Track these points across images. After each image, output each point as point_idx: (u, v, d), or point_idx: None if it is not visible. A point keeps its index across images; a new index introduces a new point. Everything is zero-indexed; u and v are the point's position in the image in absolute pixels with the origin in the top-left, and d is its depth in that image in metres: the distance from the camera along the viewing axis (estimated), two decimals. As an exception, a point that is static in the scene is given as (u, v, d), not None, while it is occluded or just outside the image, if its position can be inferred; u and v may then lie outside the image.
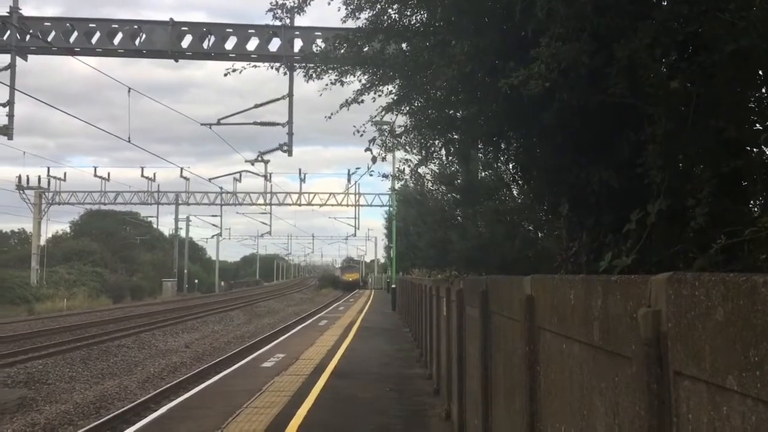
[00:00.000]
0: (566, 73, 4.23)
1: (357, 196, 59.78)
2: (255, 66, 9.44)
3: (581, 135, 4.67)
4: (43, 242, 58.59)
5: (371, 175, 9.93)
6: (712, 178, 3.95)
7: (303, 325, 28.59)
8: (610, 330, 2.77)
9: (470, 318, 7.56)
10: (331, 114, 8.10)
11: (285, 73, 14.26)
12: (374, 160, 8.12)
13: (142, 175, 59.31)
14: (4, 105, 20.25)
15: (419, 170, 14.25)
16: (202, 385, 13.12)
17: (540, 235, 11.05)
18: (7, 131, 20.51)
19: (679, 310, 2.15)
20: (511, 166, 9.02)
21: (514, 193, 11.56)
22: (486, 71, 5.27)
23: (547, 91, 4.26)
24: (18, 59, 20.93)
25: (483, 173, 12.63)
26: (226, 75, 10.04)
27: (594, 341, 2.98)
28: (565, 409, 3.54)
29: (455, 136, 7.31)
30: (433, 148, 7.81)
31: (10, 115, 20.55)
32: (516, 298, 4.61)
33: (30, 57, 22.03)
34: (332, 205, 59.66)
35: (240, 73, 9.48)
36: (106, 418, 13.40)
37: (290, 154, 22.68)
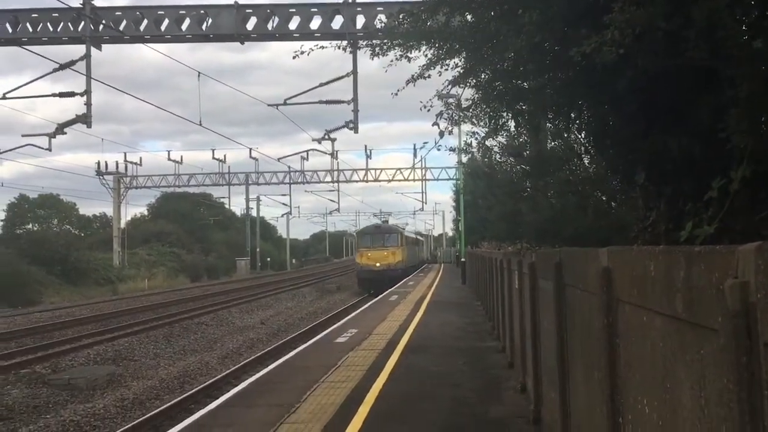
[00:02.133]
0: (641, 39, 4.09)
1: (423, 170, 59.63)
2: (321, 47, 9.46)
3: (658, 101, 4.51)
4: (123, 225, 60.95)
5: (438, 149, 9.93)
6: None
7: (374, 300, 28.90)
8: (694, 302, 2.70)
9: (543, 291, 7.49)
10: (398, 91, 8.09)
11: (349, 52, 14.16)
12: (442, 134, 8.08)
13: (213, 157, 60.76)
14: (81, 94, 21.05)
15: (487, 143, 14.11)
16: (279, 361, 13.47)
17: (613, 205, 10.80)
18: (86, 119, 21.34)
19: (770, 280, 2.08)
20: (582, 135, 8.83)
21: (586, 163, 11.30)
22: (555, 40, 5.15)
23: (621, 57, 4.13)
24: (92, 49, 21.66)
25: (552, 143, 12.40)
26: (294, 58, 10.11)
27: (677, 313, 2.91)
28: (646, 382, 3.48)
29: (524, 107, 7.19)
30: (501, 121, 7.70)
31: (88, 104, 21.34)
32: (592, 270, 4.53)
33: (103, 47, 22.75)
34: (399, 180, 59.75)
35: (308, 54, 9.55)
36: (191, 392, 13.96)
37: (356, 131, 22.77)
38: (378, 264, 43.08)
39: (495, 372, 11.60)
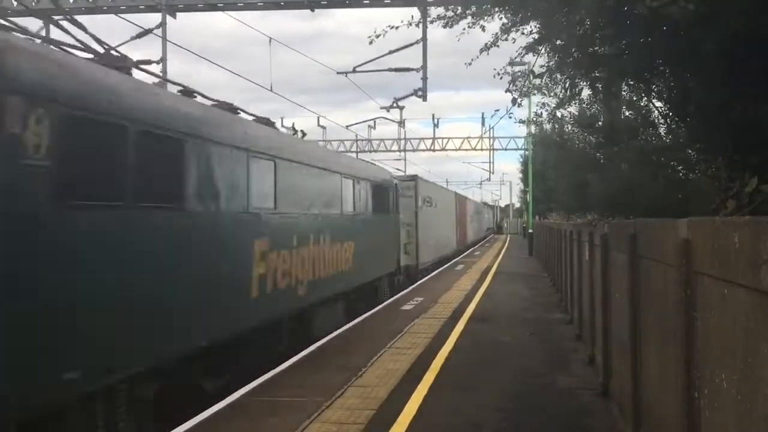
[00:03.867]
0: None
1: (491, 140, 58.79)
2: (394, 27, 9.35)
3: (747, 66, 4.30)
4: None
5: (510, 116, 9.66)
6: None
7: (440, 269, 28.93)
8: (783, 274, 2.61)
9: (616, 263, 7.35)
10: (471, 60, 8.00)
11: (418, 24, 13.92)
12: (514, 101, 7.96)
13: (282, 125, 61.50)
14: (158, 62, 21.57)
15: (557, 113, 13.83)
16: (347, 325, 13.68)
17: (691, 176, 10.45)
18: (162, 87, 21.92)
19: None
20: (660, 104, 8.55)
21: (661, 132, 10.96)
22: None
23: (703, 16, 3.94)
24: (167, 17, 22.11)
25: (626, 113, 12.06)
26: (371, 43, 10.00)
27: (762, 286, 2.82)
28: (725, 356, 3.40)
29: (599, 75, 6.99)
30: (576, 89, 7.53)
31: (164, 71, 21.86)
32: (670, 241, 4.42)
33: (177, 15, 23.19)
34: (466, 149, 59.03)
35: (383, 36, 9.47)
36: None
37: (425, 99, 22.60)
38: None
39: (562, 343, 11.50)
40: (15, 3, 20.19)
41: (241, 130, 9.47)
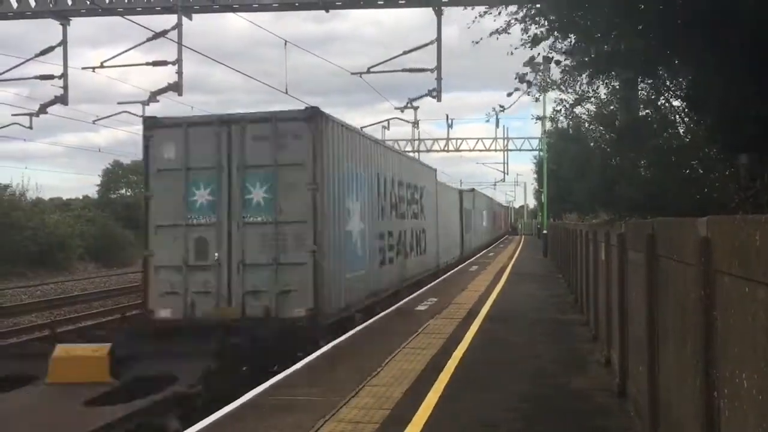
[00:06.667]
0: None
1: (506, 140, 58.62)
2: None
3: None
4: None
5: (528, 94, 9.49)
6: None
7: (454, 270, 28.86)
8: (805, 272, 2.57)
9: (633, 262, 7.28)
10: (480, 39, 7.98)
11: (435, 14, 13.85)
12: (521, 78, 7.89)
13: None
14: (173, 63, 21.68)
15: (575, 110, 13.74)
16: (362, 326, 13.67)
17: (710, 176, 10.34)
18: (177, 87, 21.99)
19: None
20: (678, 102, 8.47)
21: (680, 132, 10.86)
22: None
23: (727, 8, 3.86)
24: (183, 19, 22.22)
25: (645, 112, 11.96)
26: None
27: (784, 284, 2.78)
28: (746, 355, 3.35)
29: (616, 72, 6.94)
30: (594, 86, 7.47)
31: (179, 72, 21.98)
32: (689, 240, 4.37)
33: (193, 17, 23.31)
34: (480, 150, 58.94)
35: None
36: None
37: (439, 99, 22.56)
38: None
39: (578, 345, 11.42)
40: (16, 5, 20.32)
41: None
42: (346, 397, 7.94)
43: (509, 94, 9.66)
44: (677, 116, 9.85)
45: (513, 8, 7.35)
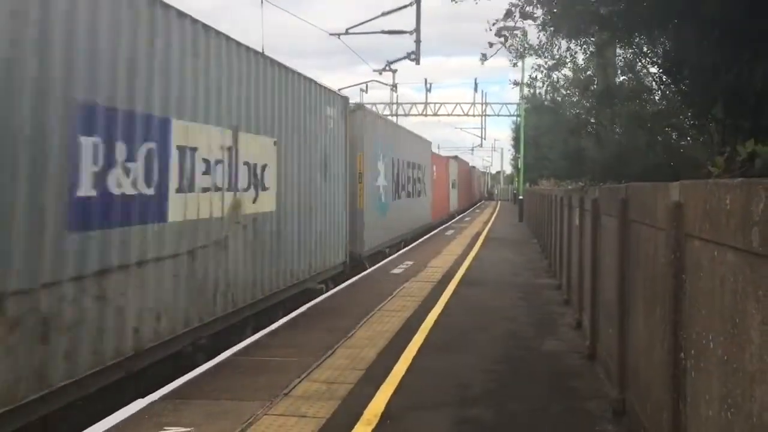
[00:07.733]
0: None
1: (484, 105, 58.54)
2: None
3: (746, 27, 4.24)
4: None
5: (507, 48, 9.55)
6: None
7: (430, 234, 28.99)
8: (773, 235, 2.61)
9: (606, 227, 7.37)
10: None
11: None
12: (499, 34, 7.83)
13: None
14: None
15: (552, 75, 13.73)
16: (337, 288, 13.73)
17: (682, 143, 10.45)
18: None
19: None
20: (655, 69, 8.49)
21: (656, 98, 10.91)
22: None
23: None
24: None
25: (622, 78, 11.98)
26: None
27: (752, 247, 2.82)
28: (713, 318, 3.42)
29: (594, 37, 6.92)
30: (571, 51, 7.45)
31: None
32: (661, 205, 4.43)
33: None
34: (458, 115, 58.77)
35: None
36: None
37: (418, 62, 22.46)
38: None
39: (550, 308, 11.60)
40: None
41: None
42: (320, 358, 8.00)
43: (491, 45, 9.60)
44: (653, 83, 9.89)
45: None
